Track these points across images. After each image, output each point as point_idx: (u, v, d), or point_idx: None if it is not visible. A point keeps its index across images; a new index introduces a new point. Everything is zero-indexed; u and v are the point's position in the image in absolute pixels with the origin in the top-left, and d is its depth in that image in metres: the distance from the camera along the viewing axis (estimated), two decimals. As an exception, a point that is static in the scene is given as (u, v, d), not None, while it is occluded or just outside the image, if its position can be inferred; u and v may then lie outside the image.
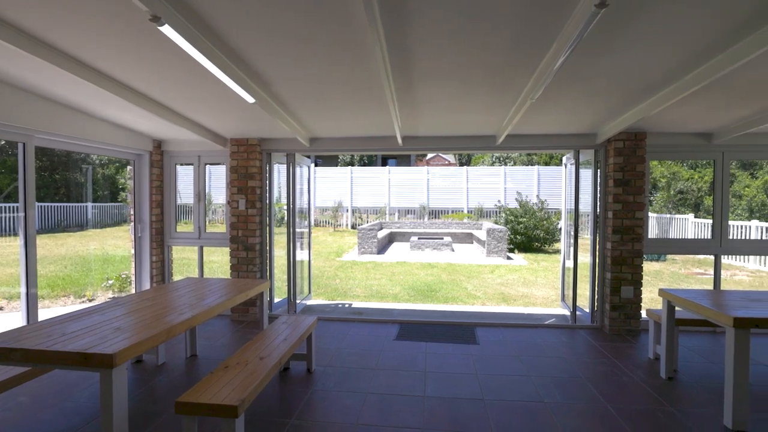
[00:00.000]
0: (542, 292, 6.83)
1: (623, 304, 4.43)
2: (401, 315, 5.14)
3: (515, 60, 2.74)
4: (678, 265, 9.59)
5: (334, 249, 11.85)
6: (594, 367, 3.58)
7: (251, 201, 4.85)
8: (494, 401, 2.97)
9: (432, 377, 3.36)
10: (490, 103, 3.60)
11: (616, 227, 4.40)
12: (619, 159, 4.36)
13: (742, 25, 2.30)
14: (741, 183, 14.02)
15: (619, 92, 3.32)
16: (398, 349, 3.96)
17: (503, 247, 10.51)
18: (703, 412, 2.84)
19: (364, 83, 3.16)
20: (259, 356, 2.61)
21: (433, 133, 4.67)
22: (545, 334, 4.42)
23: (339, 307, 5.66)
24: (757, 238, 9.67)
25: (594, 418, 2.76)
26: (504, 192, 17.03)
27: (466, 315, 5.19)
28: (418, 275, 8.18)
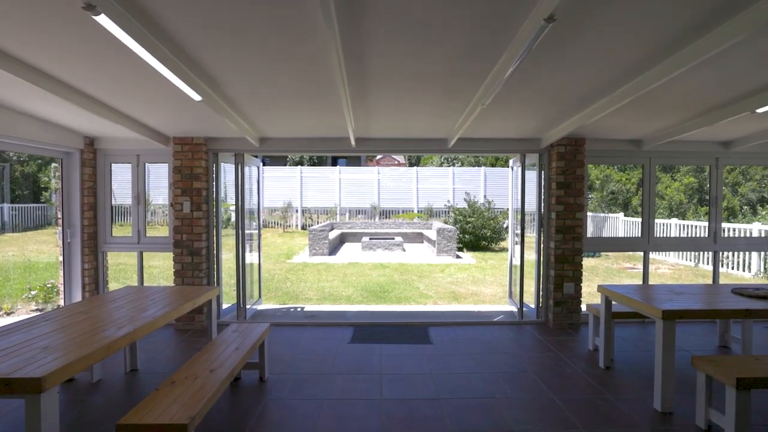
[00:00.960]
0: (490, 289, 7.09)
1: (566, 300, 4.70)
2: (355, 317, 5.12)
3: (468, 68, 2.81)
4: (611, 261, 10.34)
5: (284, 251, 11.57)
6: (540, 360, 3.77)
7: (197, 203, 4.61)
8: (449, 400, 3.04)
9: (388, 379, 3.37)
10: (443, 108, 3.67)
11: (559, 227, 4.66)
12: (561, 163, 4.62)
13: (665, 48, 2.52)
14: (663, 184, 15.40)
15: (561, 101, 3.51)
16: (353, 353, 3.94)
17: (453, 247, 10.79)
18: (636, 397, 3.08)
19: (319, 86, 3.10)
20: (209, 368, 2.48)
21: (386, 135, 4.69)
22: (495, 331, 4.59)
23: (291, 311, 5.53)
24: (676, 234, 10.67)
25: (541, 409, 2.91)
26: (453, 192, 17.50)
27: (419, 315, 5.27)
28: (370, 276, 8.19)
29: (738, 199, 13.96)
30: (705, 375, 2.65)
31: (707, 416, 2.66)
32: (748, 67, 2.85)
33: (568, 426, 2.70)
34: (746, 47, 2.53)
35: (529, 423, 2.74)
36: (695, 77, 3.00)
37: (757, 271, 8.58)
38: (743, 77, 3.02)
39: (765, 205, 12.08)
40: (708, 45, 2.35)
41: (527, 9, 2.11)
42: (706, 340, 4.27)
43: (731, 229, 9.25)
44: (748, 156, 4.99)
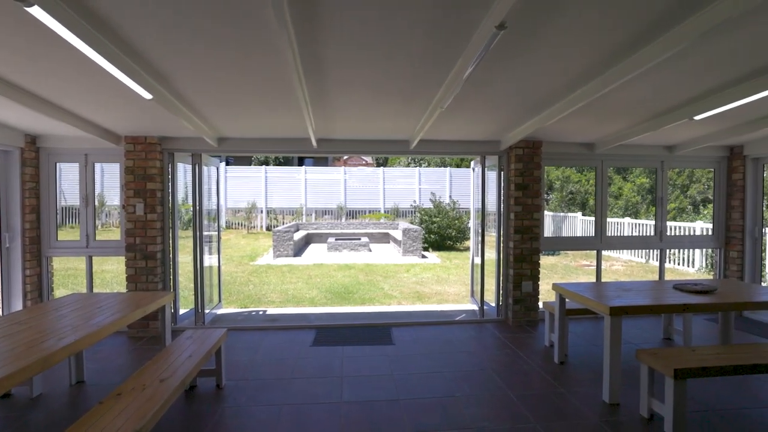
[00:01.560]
0: (454, 288, 7.21)
1: (524, 298, 4.84)
2: (318, 319, 5.07)
3: (426, 71, 2.85)
4: (569, 259, 10.75)
5: (248, 252, 11.31)
6: (499, 358, 3.86)
7: (151, 205, 4.42)
8: (409, 400, 3.06)
9: (349, 382, 3.36)
10: (403, 110, 3.70)
11: (517, 227, 4.80)
12: (519, 165, 4.76)
13: (612, 56, 2.64)
14: (615, 185, 16.16)
15: (518, 105, 3.62)
16: (315, 356, 3.90)
17: (418, 246, 10.90)
18: (586, 390, 3.22)
19: (276, 86, 3.05)
20: (159, 378, 2.39)
21: (348, 137, 4.67)
22: (456, 330, 4.66)
23: (253, 314, 5.41)
24: (629, 233, 11.22)
25: (498, 406, 2.98)
26: (419, 192, 17.67)
27: (382, 315, 5.28)
28: (335, 277, 8.14)
29: (687, 199, 14.83)
30: (647, 367, 2.80)
31: (650, 406, 2.81)
32: (687, 76, 3.03)
33: (522, 421, 2.79)
34: (685, 57, 2.69)
35: (485, 420, 2.80)
36: (640, 85, 3.17)
37: (699, 267, 9.15)
38: (683, 86, 3.21)
39: (707, 205, 12.91)
40: (650, 55, 2.48)
41: (480, 16, 2.16)
42: (653, 333, 4.52)
43: (678, 227, 9.83)
44: (689, 159, 5.31)
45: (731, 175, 5.30)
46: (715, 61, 2.78)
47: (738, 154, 5.18)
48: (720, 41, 2.50)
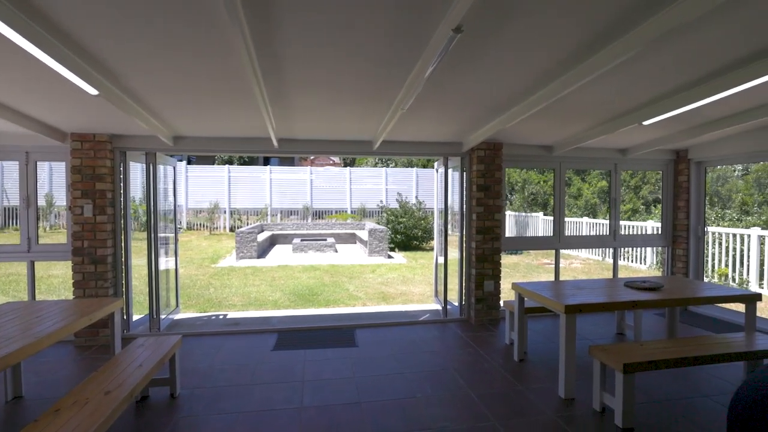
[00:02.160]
0: (419, 288, 7.26)
1: (486, 297, 4.93)
2: (280, 323, 4.97)
3: (386, 72, 2.83)
4: (531, 257, 11.07)
5: (209, 254, 10.97)
6: (461, 357, 3.91)
7: (101, 206, 4.19)
8: (371, 403, 3.04)
9: (310, 386, 3.30)
10: (365, 111, 3.68)
11: (479, 228, 4.88)
12: (481, 166, 4.84)
13: (567, 61, 2.72)
14: (576, 186, 16.81)
15: (478, 107, 3.67)
16: (276, 360, 3.81)
17: (384, 247, 10.91)
18: (544, 386, 3.31)
19: (234, 85, 2.95)
20: (104, 390, 2.25)
21: (310, 137, 4.60)
22: (420, 330, 4.69)
23: (213, 319, 5.24)
24: (587, 232, 11.68)
25: (459, 405, 3.01)
26: (385, 193, 17.70)
27: (346, 317, 5.24)
28: (300, 279, 8.02)
29: (639, 200, 15.61)
30: (599, 362, 2.91)
31: (601, 399, 2.92)
32: (637, 82, 3.17)
33: (482, 419, 2.83)
34: (636, 64, 2.81)
35: (446, 420, 2.82)
36: (595, 89, 3.28)
37: (651, 264, 9.65)
38: (634, 92, 3.35)
39: (657, 205, 13.65)
40: (604, 60, 2.57)
41: (437, 19, 2.17)
42: (607, 329, 4.71)
43: (631, 226, 10.31)
44: (640, 162, 5.58)
45: (677, 177, 5.61)
46: (662, 68, 2.92)
47: (683, 158, 5.49)
48: (666, 49, 2.62)
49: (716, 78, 3.07)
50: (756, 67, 2.81)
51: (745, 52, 2.69)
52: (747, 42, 2.56)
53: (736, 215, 11.02)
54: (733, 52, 2.70)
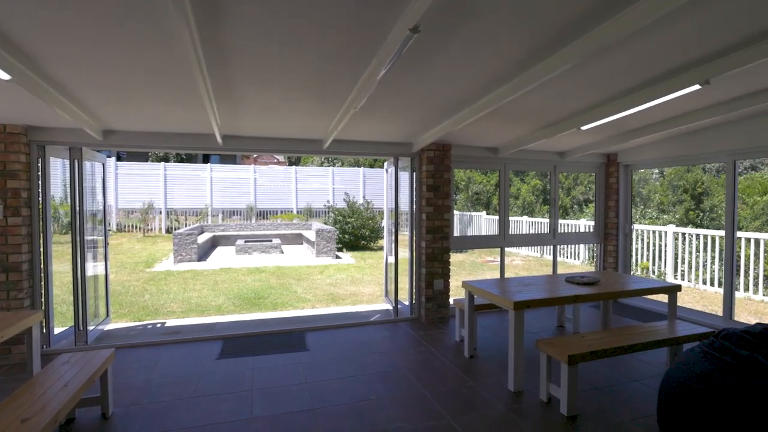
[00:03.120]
0: (369, 289, 7.23)
1: (436, 296, 5.01)
2: (225, 329, 4.72)
3: (339, 70, 2.77)
4: (476, 255, 11.45)
5: (144, 258, 10.21)
6: (413, 356, 3.93)
7: (13, 207, 3.73)
8: (324, 408, 2.96)
9: (260, 395, 3.15)
10: (316, 109, 3.58)
11: (429, 227, 4.94)
12: (431, 167, 4.90)
13: (514, 68, 2.81)
14: (515, 186, 17.65)
15: (430, 108, 3.71)
16: (222, 369, 3.60)
17: (332, 247, 10.78)
18: (494, 381, 3.40)
19: (175, 75, 2.73)
20: (20, 417, 1.98)
21: (257, 134, 4.41)
22: (371, 331, 4.66)
23: (149, 328, 4.86)
24: (527, 230, 12.29)
25: (413, 405, 3.01)
26: (332, 192, 17.51)
27: (295, 321, 5.09)
28: (244, 282, 7.69)
29: (570, 199, 16.71)
30: (546, 355, 3.04)
31: (548, 390, 3.06)
32: (576, 90, 3.35)
33: (436, 417, 2.85)
34: (575, 74, 2.97)
35: (401, 420, 2.81)
36: (539, 96, 3.43)
37: (583, 260, 10.35)
38: (573, 98, 3.55)
39: (589, 204, 14.70)
40: (548, 68, 2.69)
41: (394, 17, 2.14)
42: (549, 322, 4.96)
43: (566, 225, 11.00)
44: (576, 164, 5.94)
45: (608, 179, 6.05)
46: (598, 77, 3.12)
47: (613, 161, 5.93)
48: (600, 62, 2.80)
49: (642, 90, 3.34)
50: (674, 83, 3.09)
51: (665, 69, 2.95)
52: (667, 60, 2.81)
53: (655, 214, 12.14)
54: (655, 68, 2.96)
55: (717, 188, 12.05)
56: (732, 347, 2.35)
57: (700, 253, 7.17)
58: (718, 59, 2.78)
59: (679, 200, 11.90)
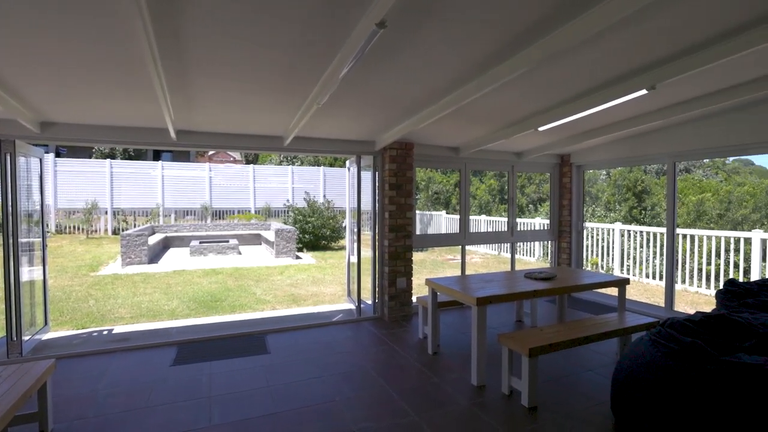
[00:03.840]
0: (330, 289, 7.14)
1: (399, 294, 5.02)
2: (180, 334, 4.49)
3: (302, 64, 2.70)
4: (436, 254, 11.62)
5: (88, 261, 9.55)
6: (377, 355, 3.91)
7: (-66, 205, 3.35)
8: (287, 412, 2.88)
9: (219, 401, 3.01)
10: (277, 105, 3.48)
11: (392, 226, 4.94)
12: (393, 165, 4.91)
13: (476, 68, 2.86)
14: (474, 185, 18.11)
15: (393, 107, 3.70)
16: (176, 377, 3.42)
17: (292, 247, 10.57)
18: (457, 376, 3.45)
19: (124, 62, 2.56)
20: (-55, 438, 1.78)
21: (214, 129, 4.22)
22: (334, 331, 4.60)
23: (94, 336, 4.54)
24: (485, 229, 12.62)
25: (379, 404, 2.99)
26: (292, 191, 17.19)
27: (255, 323, 4.93)
28: (200, 284, 7.37)
29: (525, 198, 17.37)
30: (507, 349, 3.12)
31: (510, 383, 3.14)
32: (534, 92, 3.46)
33: (401, 415, 2.84)
34: (532, 76, 3.06)
35: (367, 420, 2.78)
36: (499, 97, 3.51)
37: (538, 256, 10.76)
38: (531, 100, 3.66)
39: (543, 203, 15.34)
40: (505, 70, 2.76)
41: (360, 12, 2.11)
42: (508, 317, 5.10)
43: (523, 223, 11.40)
44: (532, 164, 6.16)
45: (562, 179, 6.31)
46: (554, 81, 3.23)
47: (567, 162, 6.20)
48: (558, 65, 2.90)
49: (594, 93, 3.50)
50: (623, 87, 3.27)
51: (616, 74, 3.12)
52: (617, 65, 2.96)
53: (603, 212, 12.85)
54: (606, 73, 3.12)
55: (656, 188, 12.94)
56: (676, 335, 2.51)
57: (644, 248, 7.65)
58: (663, 66, 2.96)
59: (624, 199, 12.66)
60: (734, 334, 2.62)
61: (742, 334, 2.62)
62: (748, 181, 15.13)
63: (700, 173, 20.35)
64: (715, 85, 3.48)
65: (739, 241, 6.41)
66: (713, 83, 3.43)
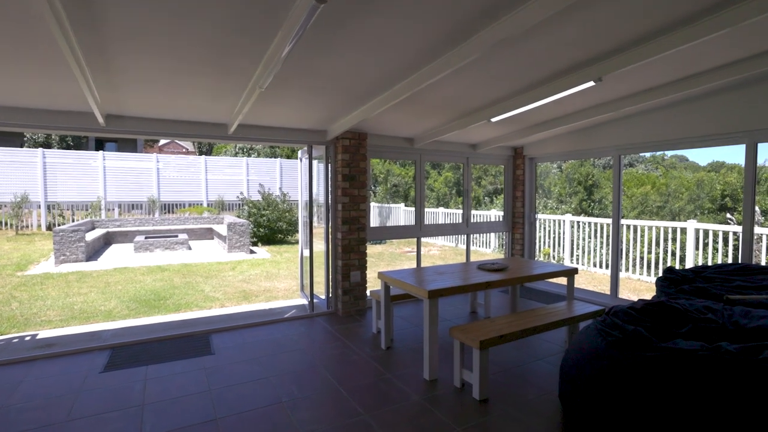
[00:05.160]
0: (285, 284, 6.91)
1: (353, 288, 4.89)
2: (115, 337, 4.14)
3: (241, 41, 2.48)
4: (394, 246, 11.59)
5: (15, 260, 8.74)
6: (329, 352, 3.78)
7: None
8: (230, 417, 2.69)
9: (152, 409, 2.77)
10: (216, 87, 3.22)
11: (345, 218, 4.80)
12: (346, 156, 4.75)
13: (428, 53, 2.75)
14: (432, 178, 18.25)
15: (343, 94, 3.54)
16: (107, 384, 3.13)
17: (246, 241, 10.18)
18: (410, 371, 3.38)
19: (26, 35, 2.24)
20: None
21: (148, 114, 3.89)
22: (285, 328, 4.41)
23: (14, 342, 4.10)
24: (443, 221, 12.73)
25: (328, 404, 2.87)
26: (247, 184, 16.59)
27: (200, 322, 4.65)
28: (143, 282, 6.90)
29: (482, 190, 17.71)
30: (459, 342, 3.08)
31: (461, 376, 3.10)
32: (487, 81, 3.41)
33: (352, 415, 2.73)
34: (484, 65, 3.00)
35: (314, 422, 2.65)
36: (451, 86, 3.44)
37: (494, 247, 10.98)
38: (483, 90, 3.62)
39: (498, 196, 15.69)
40: (457, 56, 2.67)
41: (297, -17, 1.94)
42: (462, 308, 5.11)
43: (479, 215, 11.58)
44: (487, 157, 6.19)
45: (515, 171, 6.40)
46: (506, 70, 3.19)
47: (520, 154, 6.28)
48: (509, 54, 2.86)
49: (544, 84, 3.51)
50: (571, 79, 3.29)
51: (565, 65, 3.12)
52: (566, 56, 2.96)
53: (554, 204, 13.30)
54: (555, 64, 3.12)
55: (604, 181, 13.55)
56: (620, 323, 2.54)
57: (592, 239, 7.96)
58: (610, 57, 2.99)
59: (574, 191, 13.16)
60: (673, 320, 2.70)
61: (680, 320, 2.71)
62: (682, 175, 16.24)
63: (642, 167, 21.58)
64: (658, 80, 3.59)
65: (676, 231, 6.79)
66: (655, 77, 3.53)
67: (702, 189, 12.46)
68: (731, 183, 11.61)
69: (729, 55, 3.13)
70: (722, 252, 6.29)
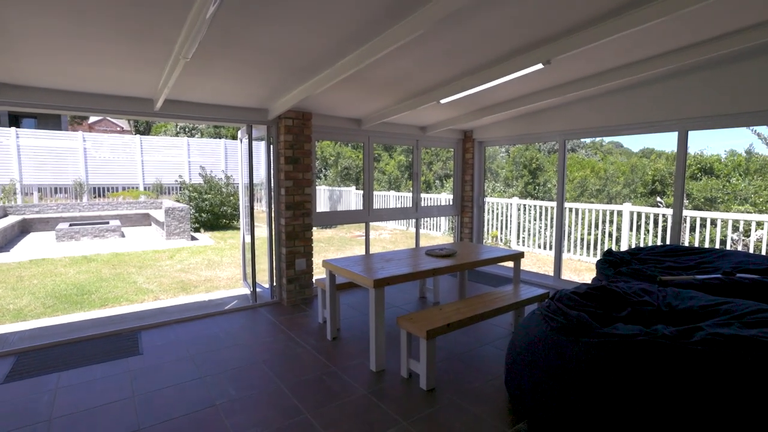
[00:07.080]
0: (227, 272, 6.54)
1: (298, 276, 4.67)
2: (22, 340, 3.66)
3: (158, 1, 2.13)
4: (345, 231, 11.39)
5: None
6: (272, 346, 3.56)
7: None
8: (155, 426, 2.43)
9: (63, 423, 2.45)
10: (134, 55, 2.82)
11: (289, 203, 4.53)
12: (289, 137, 4.45)
13: (373, 25, 2.54)
14: (384, 161, 18.11)
15: (283, 68, 3.25)
16: (4, 399, 2.73)
17: (186, 228, 9.55)
18: (356, 363, 3.25)
19: None
20: None
21: (54, 86, 3.38)
22: (225, 322, 4.13)
23: None
24: (394, 205, 12.66)
25: (268, 404, 2.67)
26: (189, 166, 15.60)
27: (128, 318, 4.25)
28: (64, 275, 6.25)
29: (432, 174, 17.83)
30: (405, 332, 2.98)
31: (408, 366, 3.02)
32: (434, 60, 3.25)
33: (293, 414, 2.56)
34: (433, 41, 2.83)
35: (252, 425, 2.45)
36: (399, 64, 3.25)
37: (444, 231, 11.09)
38: (432, 70, 3.46)
39: (448, 179, 15.86)
40: (405, 30, 2.48)
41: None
42: (412, 294, 5.05)
43: (429, 198, 11.62)
44: (437, 140, 6.11)
45: (465, 154, 6.37)
46: (452, 50, 3.05)
47: (469, 137, 6.25)
48: (456, 33, 2.71)
49: (493, 66, 3.42)
50: (520, 60, 3.22)
51: (513, 46, 3.03)
52: (515, 37, 2.86)
53: (502, 187, 13.64)
54: (504, 45, 3.02)
55: (548, 165, 14.05)
56: (564, 308, 2.54)
57: (537, 221, 8.20)
58: (559, 39, 2.92)
59: (521, 175, 13.55)
60: (613, 303, 2.75)
61: (620, 304, 2.76)
62: (618, 161, 17.27)
63: (583, 153, 22.71)
64: (603, 65, 3.60)
65: (613, 213, 7.12)
66: (601, 63, 3.54)
67: (635, 174, 13.27)
68: (660, 169, 12.44)
69: (668, 44, 3.18)
70: (653, 233, 6.68)
